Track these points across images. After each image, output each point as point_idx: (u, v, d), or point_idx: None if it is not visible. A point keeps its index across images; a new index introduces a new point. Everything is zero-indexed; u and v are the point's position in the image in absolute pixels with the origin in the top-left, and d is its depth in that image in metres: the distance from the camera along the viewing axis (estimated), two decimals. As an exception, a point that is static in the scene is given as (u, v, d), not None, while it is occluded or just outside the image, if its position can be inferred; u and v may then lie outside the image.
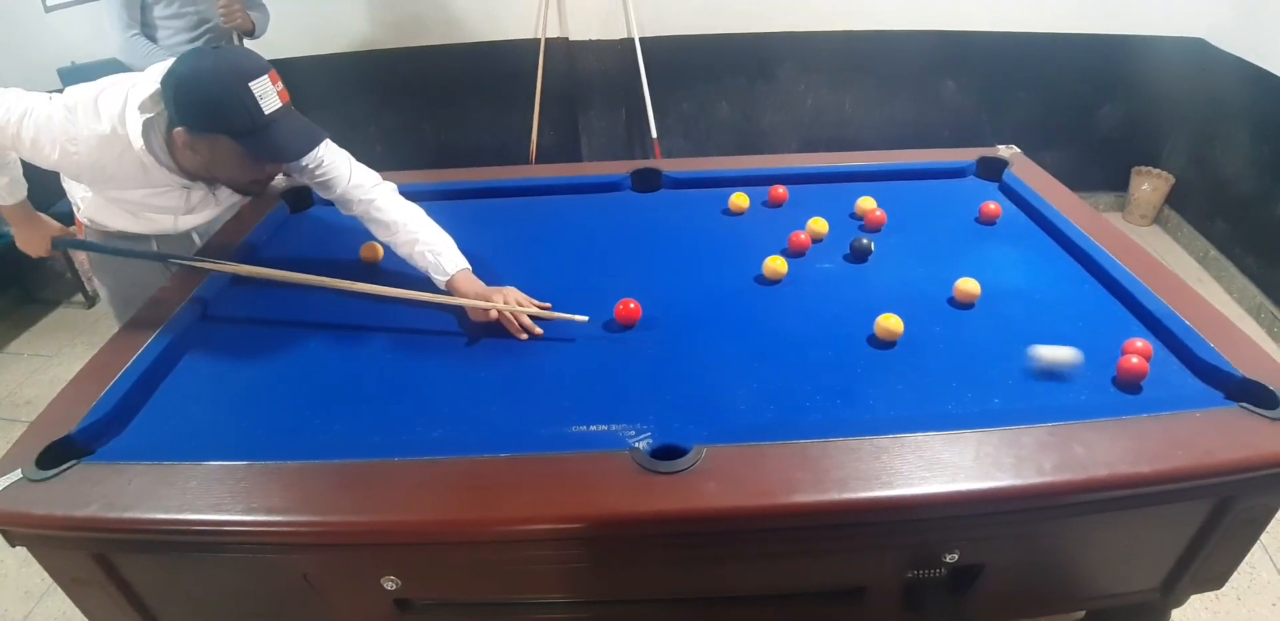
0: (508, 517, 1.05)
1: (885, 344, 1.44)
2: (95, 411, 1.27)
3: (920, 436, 1.16)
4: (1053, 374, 1.32)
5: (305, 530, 1.05)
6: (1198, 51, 3.22)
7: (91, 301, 3.41)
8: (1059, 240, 1.76)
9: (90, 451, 1.21)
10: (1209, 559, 1.28)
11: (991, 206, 1.88)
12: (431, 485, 1.09)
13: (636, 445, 1.17)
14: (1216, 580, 1.34)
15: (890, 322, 1.43)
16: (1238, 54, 3.02)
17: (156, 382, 1.39)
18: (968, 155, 2.17)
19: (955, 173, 2.15)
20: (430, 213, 1.72)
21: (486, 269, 1.73)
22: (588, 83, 3.49)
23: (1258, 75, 2.89)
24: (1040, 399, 1.28)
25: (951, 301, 1.56)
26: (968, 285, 1.54)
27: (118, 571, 1.18)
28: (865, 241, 1.72)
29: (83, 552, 1.14)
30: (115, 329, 1.55)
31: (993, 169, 2.11)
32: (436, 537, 1.07)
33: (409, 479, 1.10)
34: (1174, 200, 3.54)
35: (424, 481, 1.09)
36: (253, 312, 1.61)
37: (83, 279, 3.37)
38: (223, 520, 1.06)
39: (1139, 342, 1.34)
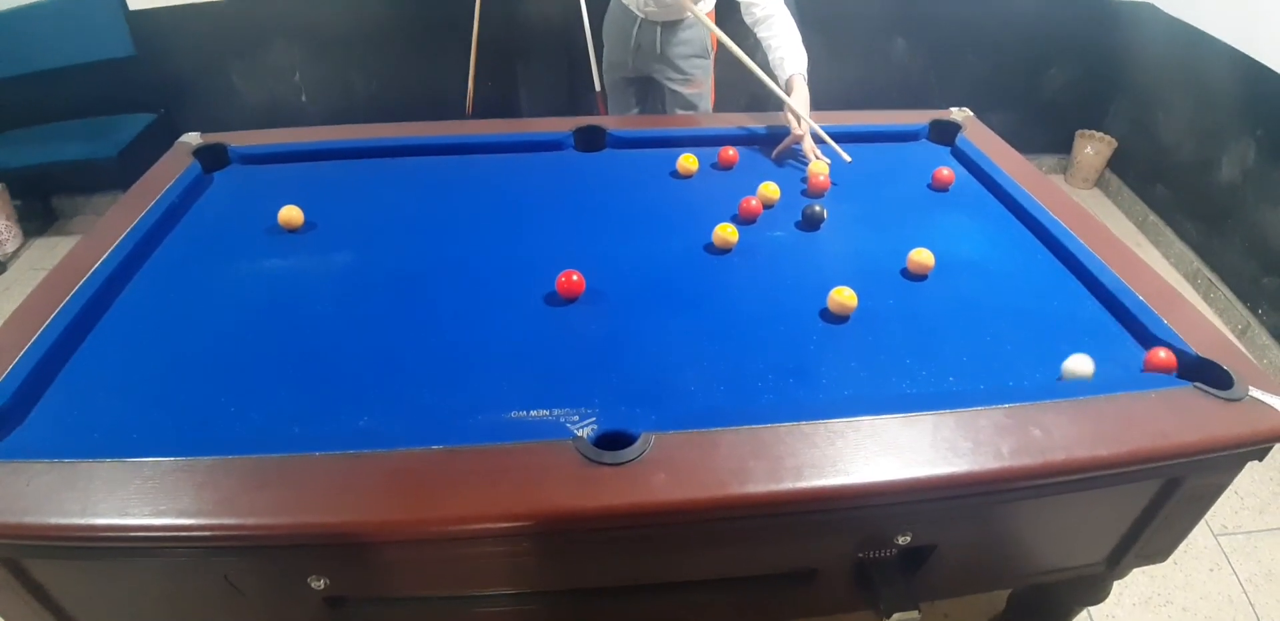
0: (442, 518, 0.97)
1: (838, 318, 1.39)
2: (-7, 401, 1.14)
3: (876, 420, 1.12)
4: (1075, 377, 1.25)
5: (220, 534, 0.96)
6: (1147, 16, 3.20)
7: (2, 266, 3.16)
8: (1012, 208, 1.73)
9: (-10, 448, 1.09)
10: (1155, 534, 1.28)
11: (945, 172, 1.83)
12: (358, 483, 1.00)
13: (580, 433, 1.10)
14: (1161, 553, 1.35)
15: (844, 296, 1.38)
16: (1186, 19, 3.00)
17: (57, 368, 1.26)
18: (920, 118, 2.11)
19: (908, 136, 2.10)
20: (361, 172, 1.82)
21: (418, 234, 1.63)
22: (527, 30, 3.32)
23: (1203, 41, 2.89)
24: (996, 378, 1.25)
25: (905, 272, 1.52)
26: (921, 256, 1.50)
27: (28, 574, 1.08)
28: (818, 208, 1.66)
29: (-13, 556, 1.03)
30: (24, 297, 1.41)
31: (945, 133, 2.06)
32: (364, 539, 0.99)
33: (333, 476, 1.01)
34: (1116, 164, 3.57)
35: (349, 479, 1.00)
36: (160, 288, 1.48)
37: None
38: (130, 524, 0.96)
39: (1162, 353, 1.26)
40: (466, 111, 3.31)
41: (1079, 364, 1.24)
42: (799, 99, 1.97)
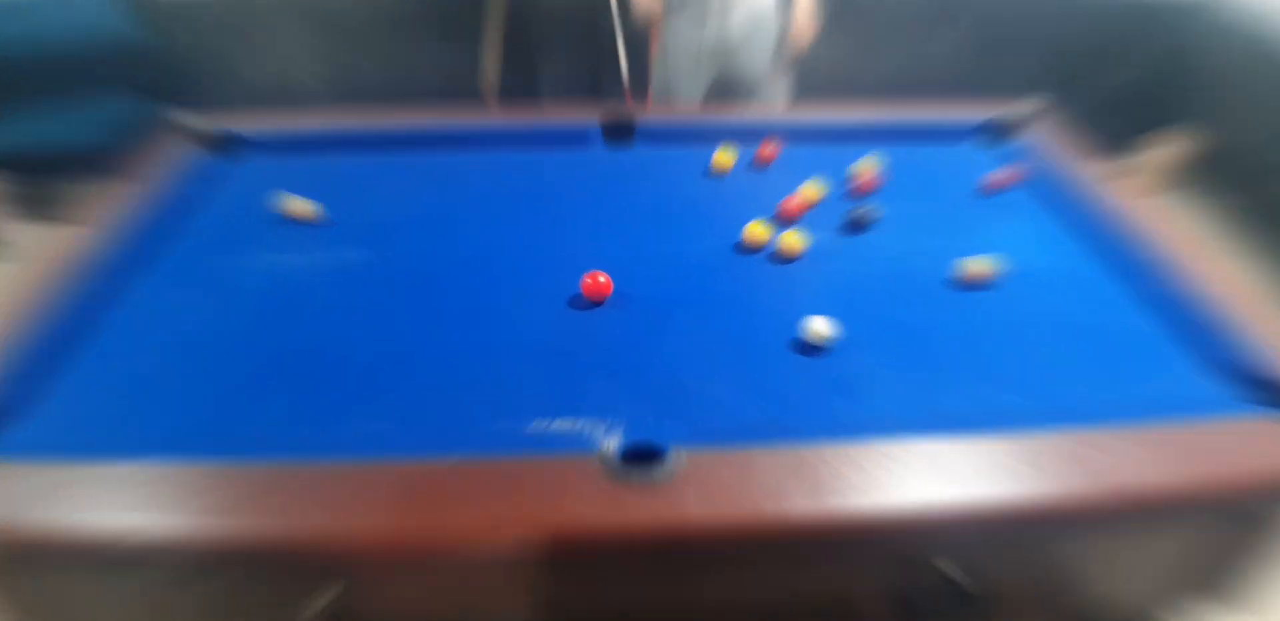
0: (454, 536, 0.91)
1: (751, 249, 1.47)
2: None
3: (929, 443, 1.03)
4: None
5: (220, 544, 0.91)
6: (1229, 5, 3.04)
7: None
8: (1077, 214, 1.61)
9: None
10: (1236, 577, 1.18)
11: (1005, 172, 1.72)
12: (367, 495, 0.93)
13: (605, 446, 1.02)
14: (1242, 598, 1.24)
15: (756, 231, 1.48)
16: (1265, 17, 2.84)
17: (51, 365, 1.20)
18: (980, 111, 1.99)
19: (962, 133, 1.98)
20: (375, 163, 1.77)
21: (434, 230, 1.56)
22: (551, 18, 3.23)
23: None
24: (1058, 398, 1.15)
25: (959, 282, 1.42)
26: (977, 265, 1.40)
27: (16, 586, 1.04)
28: (865, 210, 1.56)
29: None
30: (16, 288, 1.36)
31: (1004, 131, 1.94)
32: (371, 556, 0.93)
33: (341, 486, 0.94)
34: (1192, 169, 3.39)
35: (358, 490, 0.94)
36: (163, 282, 1.42)
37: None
38: (125, 531, 0.91)
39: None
40: (485, 101, 3.24)
41: (820, 326, 1.24)
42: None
